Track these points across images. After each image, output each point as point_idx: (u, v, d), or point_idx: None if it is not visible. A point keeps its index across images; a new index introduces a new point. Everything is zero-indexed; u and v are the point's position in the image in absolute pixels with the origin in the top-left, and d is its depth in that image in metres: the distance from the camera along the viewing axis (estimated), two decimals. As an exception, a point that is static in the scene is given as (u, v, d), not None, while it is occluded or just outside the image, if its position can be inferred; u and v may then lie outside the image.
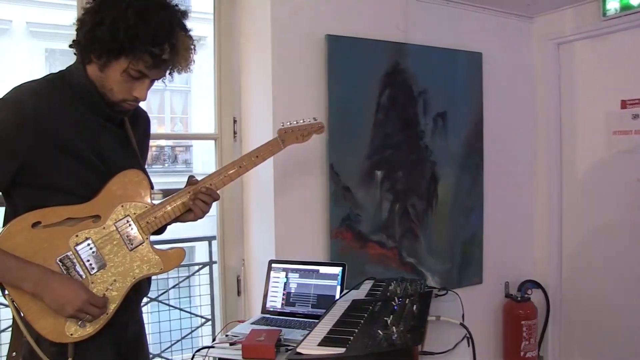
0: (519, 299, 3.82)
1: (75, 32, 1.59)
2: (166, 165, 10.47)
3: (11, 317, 1.55)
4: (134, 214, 1.67)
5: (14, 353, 1.55)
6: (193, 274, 3.76)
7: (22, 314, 1.52)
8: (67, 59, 1.68)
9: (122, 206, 1.66)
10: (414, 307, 1.78)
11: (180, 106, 10.98)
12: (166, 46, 1.55)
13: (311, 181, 2.98)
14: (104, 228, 1.63)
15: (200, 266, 3.70)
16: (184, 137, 8.00)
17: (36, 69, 8.40)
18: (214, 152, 3.18)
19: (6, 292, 1.52)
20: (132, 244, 1.66)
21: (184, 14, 1.63)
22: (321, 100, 3.02)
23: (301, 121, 2.11)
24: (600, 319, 3.67)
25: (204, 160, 10.32)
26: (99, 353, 1.64)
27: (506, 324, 3.88)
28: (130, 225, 1.66)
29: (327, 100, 3.01)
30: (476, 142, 3.63)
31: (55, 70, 1.67)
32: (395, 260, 3.28)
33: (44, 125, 1.51)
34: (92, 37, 1.53)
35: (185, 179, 1.87)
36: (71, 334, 1.54)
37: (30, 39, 8.80)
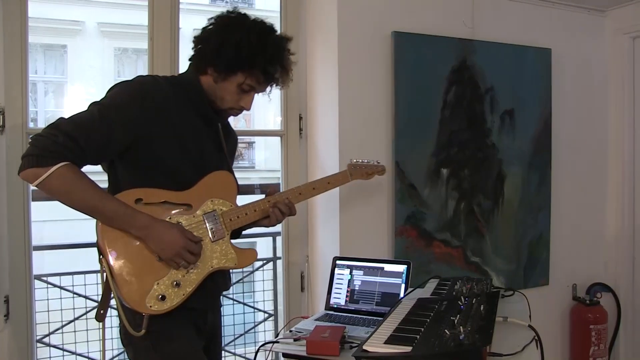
0: (587, 302, 3.70)
1: (194, 47, 1.82)
2: (229, 161, 10.63)
3: (100, 282, 1.70)
4: (221, 209, 1.85)
5: (102, 310, 1.69)
6: (257, 269, 3.80)
7: (113, 278, 1.66)
8: (134, 57, 1.81)
9: (212, 201, 1.84)
10: (481, 307, 1.75)
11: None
12: (278, 67, 1.80)
13: (376, 179, 2.98)
14: (193, 216, 1.79)
15: (264, 261, 3.74)
16: (251, 133, 8.21)
17: (107, 67, 8.68)
18: (279, 148, 3.21)
19: (101, 256, 1.67)
20: (214, 236, 1.81)
21: (289, 38, 1.87)
22: (387, 97, 3.02)
23: (366, 161, 2.38)
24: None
25: (266, 157, 10.45)
26: (181, 330, 1.79)
27: (574, 327, 3.77)
28: (215, 219, 1.83)
29: (394, 97, 3.00)
30: (545, 140, 3.54)
31: (124, 66, 1.84)
32: (460, 260, 3.24)
33: (162, 107, 1.72)
34: (217, 54, 1.74)
35: (247, 175, 2.05)
36: (150, 306, 1.67)
37: (101, 39, 9.10)
